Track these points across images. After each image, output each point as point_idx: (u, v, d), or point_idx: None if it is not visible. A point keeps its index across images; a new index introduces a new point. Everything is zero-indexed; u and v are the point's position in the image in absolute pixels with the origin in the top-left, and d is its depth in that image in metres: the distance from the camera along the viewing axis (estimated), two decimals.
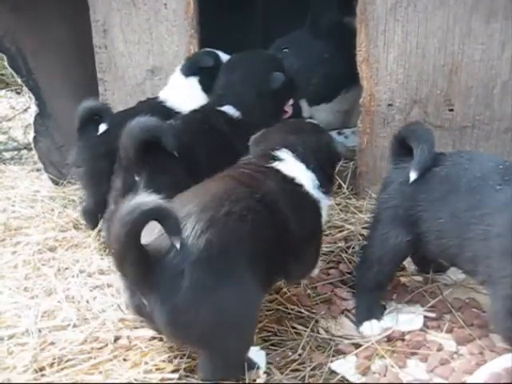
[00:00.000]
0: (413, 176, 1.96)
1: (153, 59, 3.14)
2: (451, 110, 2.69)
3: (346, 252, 2.46)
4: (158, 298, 1.61)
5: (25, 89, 4.09)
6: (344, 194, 2.95)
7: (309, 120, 2.80)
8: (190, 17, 3.00)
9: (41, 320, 2.14)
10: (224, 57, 2.93)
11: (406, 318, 2.06)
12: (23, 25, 3.43)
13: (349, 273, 2.33)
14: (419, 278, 2.32)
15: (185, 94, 2.85)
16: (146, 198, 1.63)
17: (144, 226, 1.60)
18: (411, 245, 2.01)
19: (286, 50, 3.25)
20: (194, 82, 2.89)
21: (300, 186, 1.97)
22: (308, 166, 2.01)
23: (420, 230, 1.98)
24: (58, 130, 3.56)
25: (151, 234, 1.66)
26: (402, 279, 2.30)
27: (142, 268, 1.60)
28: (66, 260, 2.51)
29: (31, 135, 3.48)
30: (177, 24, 3.03)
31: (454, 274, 2.32)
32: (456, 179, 1.90)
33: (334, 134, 3.21)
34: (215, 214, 1.69)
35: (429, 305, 2.14)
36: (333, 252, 2.46)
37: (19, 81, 3.60)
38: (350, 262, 2.38)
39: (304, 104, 3.44)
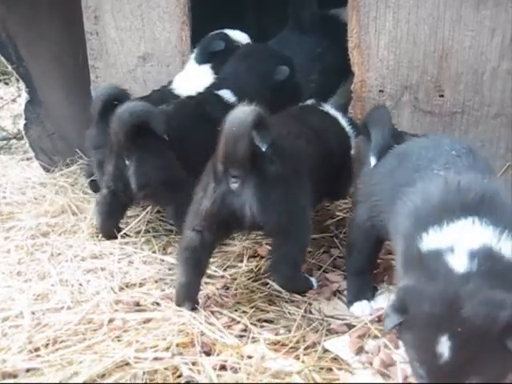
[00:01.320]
0: (372, 161, 2.01)
1: (144, 46, 3.15)
2: (441, 96, 2.72)
3: (337, 237, 2.48)
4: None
5: (13, 79, 4.08)
6: None
7: None
8: (181, 3, 3.01)
9: (34, 303, 2.15)
10: (235, 35, 2.98)
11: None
12: (14, 12, 3.42)
13: (340, 257, 2.35)
14: None
15: (198, 82, 2.85)
16: None
17: None
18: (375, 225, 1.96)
19: None
20: (206, 69, 2.95)
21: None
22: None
23: (376, 207, 1.95)
24: (49, 118, 3.56)
25: None
26: (393, 262, 2.33)
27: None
28: (59, 245, 2.52)
29: (21, 124, 3.47)
30: (169, 10, 3.04)
31: None
32: (407, 157, 1.88)
33: None
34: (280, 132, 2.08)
35: None
36: (324, 238, 2.48)
37: (9, 68, 3.58)
38: (342, 246, 2.40)
39: None
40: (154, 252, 2.46)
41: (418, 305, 1.42)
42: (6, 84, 5.68)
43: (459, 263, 1.44)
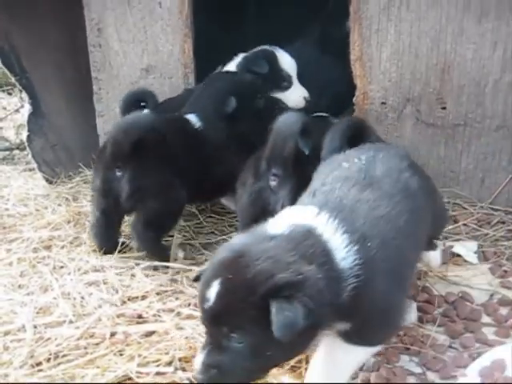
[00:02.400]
0: None
1: (147, 58, 3.16)
2: (444, 109, 2.72)
3: None
4: None
5: (16, 90, 4.09)
6: None
7: None
8: (184, 16, 3.02)
9: (36, 316, 2.14)
10: (283, 58, 2.92)
11: None
12: (17, 23, 3.43)
13: None
14: None
15: None
16: None
17: None
18: None
19: None
20: None
21: None
22: None
23: None
24: (52, 129, 3.56)
25: None
26: None
27: None
28: (61, 258, 2.51)
29: (24, 135, 3.47)
30: (171, 23, 3.05)
31: (446, 269, 2.35)
32: (339, 163, 1.84)
33: None
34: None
35: (422, 299, 2.16)
36: None
37: (12, 80, 3.59)
38: None
39: None
40: (156, 267, 2.45)
41: (216, 255, 1.48)
42: (9, 94, 5.71)
43: (273, 228, 1.48)
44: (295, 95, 2.85)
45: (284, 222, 1.50)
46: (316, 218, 1.50)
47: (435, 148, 2.79)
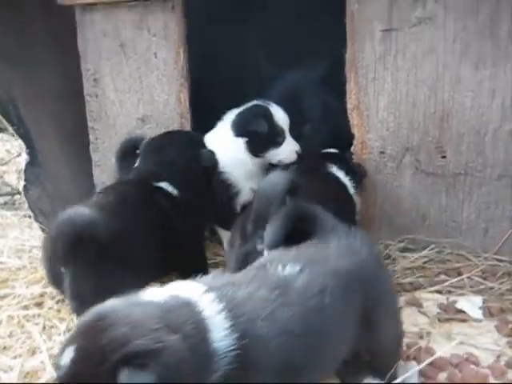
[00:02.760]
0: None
1: (143, 108, 3.13)
2: (443, 157, 2.66)
3: None
4: None
5: None
6: None
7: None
8: (179, 66, 3.00)
9: (23, 381, 2.06)
10: (277, 114, 2.83)
11: (402, 375, 1.98)
12: (16, 73, 3.43)
13: None
14: (414, 330, 2.25)
15: (227, 153, 2.79)
16: None
17: None
18: None
19: None
20: (240, 143, 2.82)
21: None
22: None
23: None
24: (49, 179, 3.53)
25: None
26: None
27: None
28: (52, 317, 2.44)
29: (21, 184, 3.44)
30: (167, 73, 3.03)
31: (450, 326, 2.25)
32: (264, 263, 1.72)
33: None
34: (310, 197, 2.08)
35: (426, 362, 2.05)
36: None
37: (10, 129, 3.58)
38: None
39: None
40: None
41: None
42: (13, 136, 5.71)
43: (149, 296, 1.42)
44: (288, 149, 2.78)
45: (165, 291, 1.42)
46: (201, 295, 1.42)
47: (436, 197, 2.72)
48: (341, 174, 2.64)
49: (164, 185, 2.52)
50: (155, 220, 2.38)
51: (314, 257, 1.66)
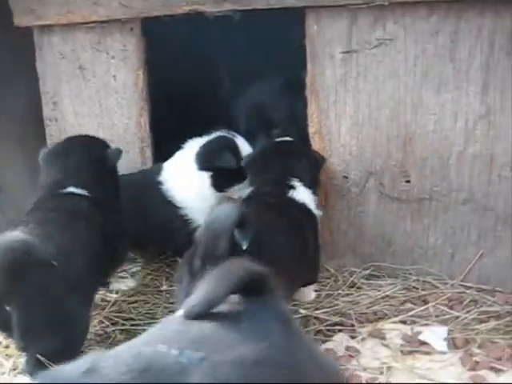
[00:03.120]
0: None
1: (103, 132, 3.04)
2: (408, 182, 2.59)
3: None
4: None
5: None
6: None
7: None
8: (139, 88, 2.93)
9: None
10: (242, 146, 2.74)
11: None
12: None
13: None
14: (375, 364, 2.15)
15: (190, 187, 2.70)
16: None
17: None
18: None
19: None
20: (205, 177, 2.72)
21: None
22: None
23: None
24: (10, 204, 3.43)
25: None
26: None
27: None
28: None
29: None
30: (126, 96, 2.95)
31: (413, 359, 2.16)
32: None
33: None
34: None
35: None
36: None
37: None
38: None
39: None
40: None
41: None
42: None
43: None
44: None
45: None
46: None
47: (401, 223, 2.64)
48: (303, 194, 2.43)
49: (73, 189, 2.38)
50: (83, 225, 2.25)
51: (219, 342, 1.32)
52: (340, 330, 2.36)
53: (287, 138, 2.67)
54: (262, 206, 2.27)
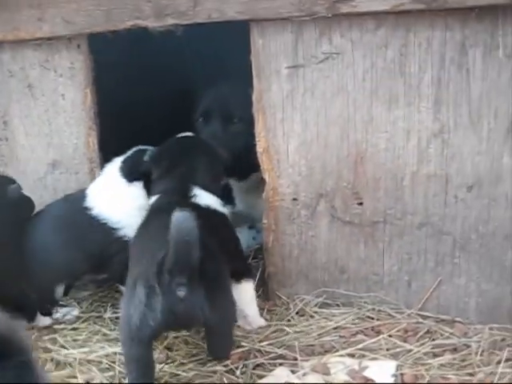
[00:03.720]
0: None
1: (53, 152, 2.93)
2: (360, 204, 2.43)
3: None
4: None
5: None
6: None
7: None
8: (87, 107, 2.81)
9: None
10: None
11: None
12: None
13: None
14: None
15: (126, 203, 2.58)
16: None
17: None
18: None
19: None
20: (138, 188, 2.61)
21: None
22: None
23: None
24: None
25: None
26: None
27: None
28: None
29: None
30: (74, 115, 2.84)
31: None
32: None
33: (245, 228, 2.95)
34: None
35: None
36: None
37: None
38: None
39: None
40: None
41: None
42: None
43: None
44: None
45: None
46: None
47: (354, 248, 2.48)
48: (205, 199, 2.36)
49: None
50: None
51: None
52: (281, 364, 2.18)
53: (189, 134, 2.61)
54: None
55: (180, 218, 1.85)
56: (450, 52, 2.20)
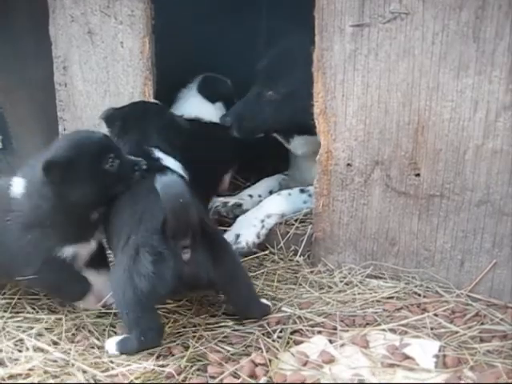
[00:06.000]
0: None
1: (109, 100, 2.93)
2: (417, 176, 2.31)
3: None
4: None
5: None
6: (298, 262, 2.59)
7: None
8: (145, 57, 2.78)
9: None
10: None
11: None
12: None
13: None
14: (347, 375, 1.92)
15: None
16: None
17: None
18: None
19: None
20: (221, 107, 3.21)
21: None
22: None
23: None
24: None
25: None
26: None
27: None
28: None
29: None
30: (132, 64, 2.82)
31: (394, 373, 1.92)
32: None
33: (296, 191, 2.86)
34: None
35: None
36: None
37: None
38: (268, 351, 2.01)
39: None
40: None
41: None
42: None
43: None
44: None
45: None
46: None
47: (407, 221, 2.37)
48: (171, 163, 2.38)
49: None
50: None
51: None
52: (320, 332, 2.13)
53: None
54: None
55: (168, 182, 1.90)
56: None
